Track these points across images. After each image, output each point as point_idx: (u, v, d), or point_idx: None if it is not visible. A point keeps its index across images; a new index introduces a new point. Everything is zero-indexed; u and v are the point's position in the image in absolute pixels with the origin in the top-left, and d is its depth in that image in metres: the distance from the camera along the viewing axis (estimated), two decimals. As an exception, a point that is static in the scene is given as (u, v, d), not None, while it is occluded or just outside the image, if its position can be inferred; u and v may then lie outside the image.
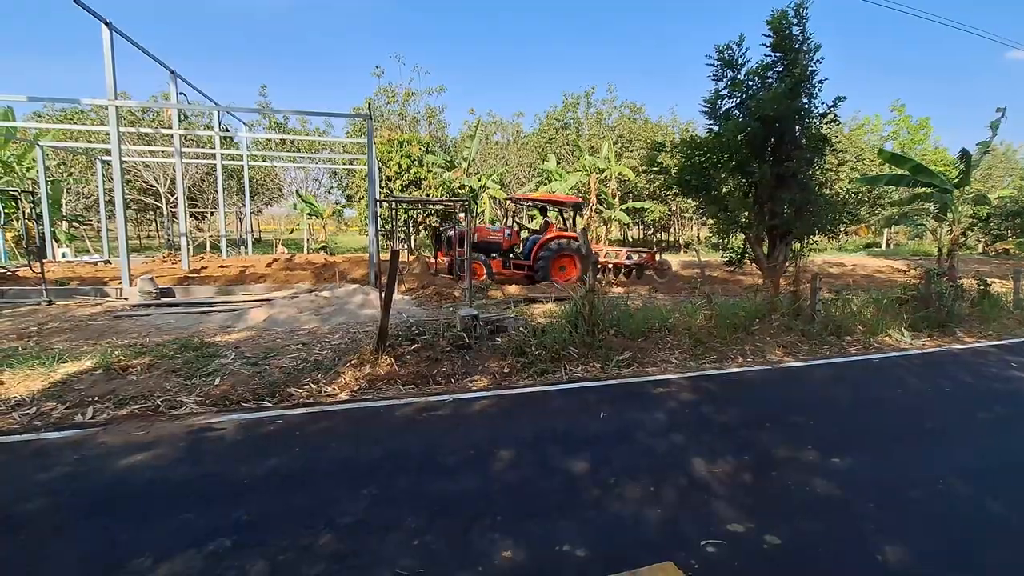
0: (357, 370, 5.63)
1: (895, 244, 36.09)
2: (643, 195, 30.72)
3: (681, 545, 2.77)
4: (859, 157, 31.23)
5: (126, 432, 4.13)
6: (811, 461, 3.81)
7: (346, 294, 10.18)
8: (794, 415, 4.78)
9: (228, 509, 3.05)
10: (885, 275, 17.09)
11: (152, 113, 26.95)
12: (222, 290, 11.06)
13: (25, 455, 3.76)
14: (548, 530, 2.88)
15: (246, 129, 24.04)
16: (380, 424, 4.45)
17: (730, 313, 7.76)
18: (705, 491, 3.34)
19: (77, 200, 26.62)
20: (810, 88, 8.02)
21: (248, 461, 3.68)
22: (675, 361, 6.39)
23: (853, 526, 3.02)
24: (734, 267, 9.49)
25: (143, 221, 35.52)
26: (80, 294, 10.58)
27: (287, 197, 34.56)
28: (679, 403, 5.00)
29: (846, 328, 7.85)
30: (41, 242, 13.79)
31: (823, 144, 8.25)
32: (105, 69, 10.01)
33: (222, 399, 4.87)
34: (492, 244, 14.06)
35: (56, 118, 27.01)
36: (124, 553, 2.63)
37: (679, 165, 8.84)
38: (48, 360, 5.67)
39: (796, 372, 6.27)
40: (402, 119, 30.61)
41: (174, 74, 13.24)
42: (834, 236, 8.95)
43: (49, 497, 3.18)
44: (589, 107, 33.48)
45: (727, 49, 8.08)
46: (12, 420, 4.36)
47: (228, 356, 6.14)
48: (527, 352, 6.19)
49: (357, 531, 2.85)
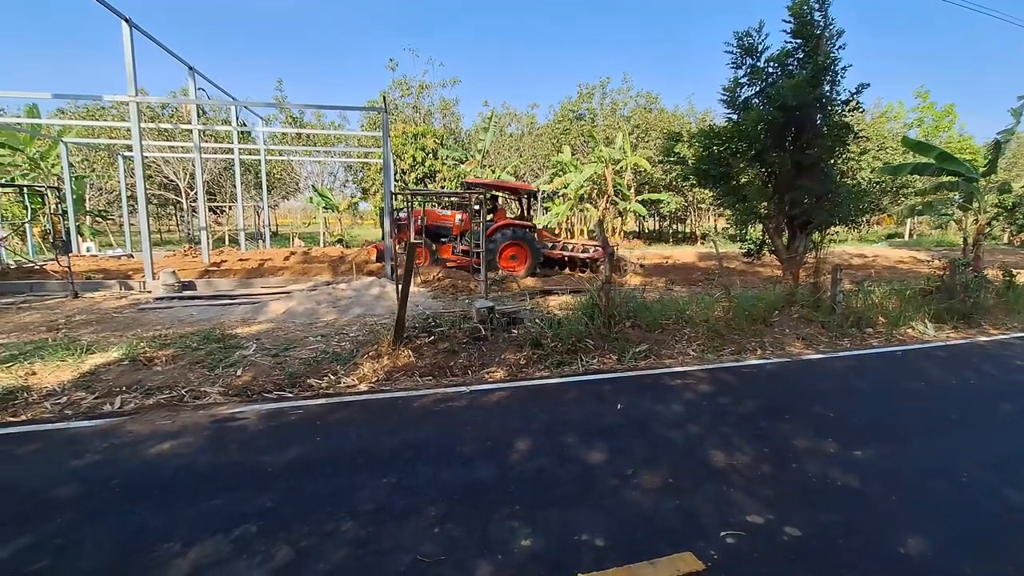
0: (375, 362, 5.70)
1: (918, 234, 35.30)
2: (659, 186, 30.40)
3: (700, 535, 2.77)
4: (881, 145, 30.52)
5: (153, 421, 4.23)
6: (832, 453, 3.78)
7: (363, 286, 10.28)
8: (814, 407, 4.73)
9: (253, 496, 3.12)
10: (908, 266, 16.75)
11: (171, 109, 27.33)
12: (242, 283, 11.23)
13: (58, 443, 3.88)
14: (566, 519, 2.90)
15: (263, 124, 24.26)
16: (398, 415, 4.51)
17: (748, 305, 7.68)
18: (724, 482, 3.33)
19: (100, 196, 27.16)
20: (832, 75, 7.85)
21: (271, 450, 3.76)
22: (692, 353, 6.35)
23: (875, 518, 2.99)
24: (752, 258, 9.37)
25: (164, 216, 36.06)
26: (105, 287, 10.82)
27: (303, 191, 34.92)
28: (697, 395, 4.98)
29: (868, 320, 7.73)
30: (67, 237, 14.11)
31: (845, 132, 8.07)
32: (126, 65, 10.17)
33: (244, 390, 4.97)
34: (442, 229, 13.57)
35: (79, 115, 27.55)
36: (154, 538, 2.71)
37: (696, 155, 8.74)
38: (77, 351, 5.82)
39: (816, 364, 6.19)
40: (416, 112, 30.67)
41: (192, 69, 13.40)
42: (856, 226, 8.78)
43: (82, 483, 3.28)
44: (604, 97, 33.16)
45: (746, 36, 7.94)
46: (44, 409, 4.50)
47: (249, 348, 6.25)
48: (543, 344, 6.20)
49: (378, 518, 2.90)
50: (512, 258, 13.02)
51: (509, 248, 12.99)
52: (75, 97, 12.72)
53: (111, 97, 11.26)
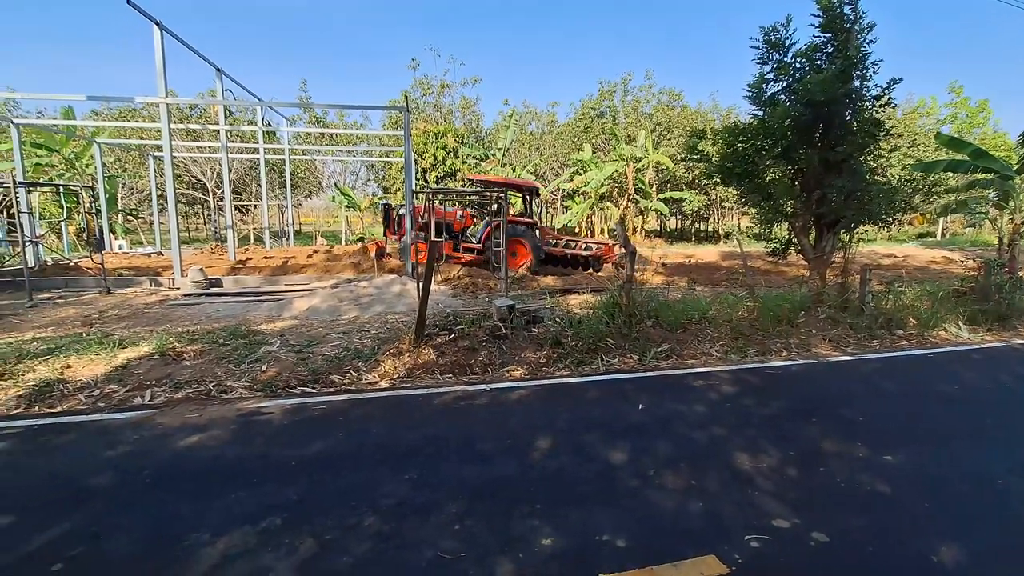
0: (396, 359, 5.75)
1: (951, 234, 34.22)
2: (681, 184, 30.03)
3: (723, 539, 2.73)
4: (913, 142, 29.66)
5: (182, 414, 4.34)
6: (861, 457, 3.68)
7: (384, 284, 10.38)
8: (842, 410, 4.62)
9: (278, 489, 3.17)
10: (940, 266, 16.26)
11: (199, 110, 27.96)
12: (267, 280, 11.44)
13: (92, 433, 4.00)
14: (587, 519, 2.88)
15: (287, 124, 24.67)
16: (419, 411, 4.54)
17: (773, 305, 7.53)
18: (748, 484, 3.27)
19: (131, 195, 27.96)
20: (862, 70, 7.64)
21: (295, 444, 3.82)
22: (715, 354, 6.26)
23: (906, 525, 2.91)
24: (777, 258, 9.18)
25: (191, 214, 37.00)
26: (136, 284, 11.13)
27: (326, 190, 35.39)
28: (720, 396, 4.91)
29: (898, 321, 7.52)
30: (100, 235, 14.57)
31: (876, 129, 7.85)
32: (156, 67, 10.43)
33: (269, 385, 5.06)
34: (444, 226, 13.59)
35: (111, 116, 28.37)
36: (184, 527, 2.78)
37: (721, 152, 8.60)
38: (110, 346, 6.00)
39: (844, 366, 6.05)
40: (437, 111, 30.82)
41: (220, 71, 13.68)
42: (887, 225, 8.53)
43: (115, 473, 3.38)
44: (626, 95, 32.88)
45: (773, 31, 7.77)
46: (79, 401, 4.65)
47: (274, 344, 6.36)
48: (563, 343, 6.18)
49: (399, 513, 2.92)
50: (512, 255, 12.93)
51: (510, 245, 12.91)
52: (108, 99, 13.13)
53: (142, 98, 11.58)
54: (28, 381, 4.94)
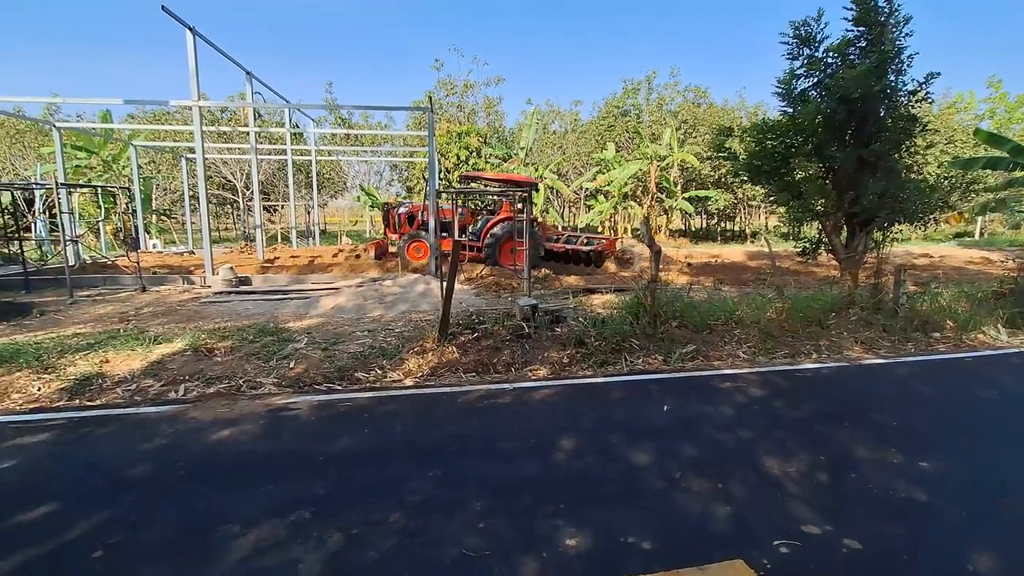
0: (420, 357, 5.80)
1: (989, 233, 32.92)
2: (707, 183, 29.58)
3: (751, 543, 2.68)
4: (950, 138, 28.64)
5: (213, 409, 4.46)
6: (895, 463, 3.58)
7: (408, 283, 10.48)
8: (875, 414, 4.49)
9: (306, 483, 3.24)
10: (978, 267, 15.65)
11: (229, 112, 28.65)
12: (294, 279, 11.66)
13: (129, 426, 4.15)
14: (612, 520, 2.87)
15: (314, 125, 25.10)
16: (443, 410, 4.57)
17: (803, 306, 7.36)
18: (777, 489, 3.21)
19: (164, 195, 28.81)
20: (898, 64, 7.41)
21: (322, 439, 3.89)
22: (743, 355, 6.15)
23: (942, 533, 2.82)
24: (807, 258, 8.96)
25: (221, 214, 37.98)
26: (169, 282, 11.47)
27: (350, 190, 35.91)
28: (748, 398, 4.82)
29: (934, 324, 7.27)
30: (136, 234, 15.06)
31: (912, 125, 7.61)
32: (189, 71, 10.72)
33: (297, 381, 5.16)
34: (443, 223, 13.58)
35: (146, 119, 29.29)
36: (217, 518, 2.86)
37: (748, 150, 8.44)
38: (145, 342, 6.20)
39: (877, 369, 5.88)
40: (460, 111, 30.97)
41: (250, 75, 14.00)
42: (923, 224, 8.25)
43: (151, 464, 3.49)
44: (650, 93, 32.54)
45: (803, 25, 7.60)
46: (116, 395, 4.82)
47: (301, 341, 6.48)
48: (587, 343, 6.15)
49: (424, 510, 2.95)
50: (512, 252, 12.82)
51: (509, 242, 12.84)
52: (143, 103, 13.62)
53: (176, 102, 11.92)
54: (70, 375, 5.14)
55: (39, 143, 25.83)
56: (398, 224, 14.29)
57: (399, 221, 14.28)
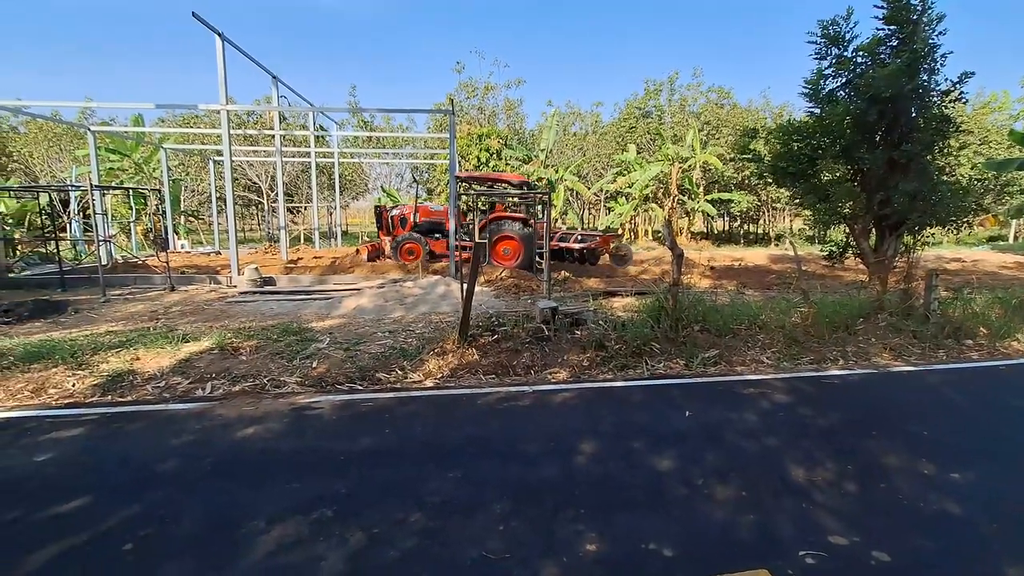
0: (440, 358, 5.83)
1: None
2: (730, 185, 29.16)
3: (776, 553, 2.63)
4: (984, 139, 27.74)
5: (239, 407, 4.55)
6: (926, 474, 3.47)
7: (429, 285, 10.56)
8: (906, 423, 4.37)
9: (328, 481, 3.28)
10: (1012, 272, 15.13)
11: (255, 116, 29.26)
12: (317, 279, 11.84)
13: (159, 422, 4.26)
14: (633, 526, 2.84)
15: (336, 128, 25.47)
16: (463, 411, 4.59)
17: (830, 311, 7.20)
18: (803, 498, 3.14)
19: (192, 197, 29.54)
20: (930, 64, 7.21)
21: (344, 438, 3.94)
22: (767, 361, 6.04)
23: (974, 547, 2.73)
24: (834, 262, 8.77)
25: (246, 215, 38.79)
26: (197, 281, 11.75)
27: (372, 192, 36.36)
28: (772, 404, 4.73)
29: (966, 331, 7.04)
30: (165, 235, 15.47)
31: (946, 125, 7.39)
32: (218, 76, 10.98)
33: (319, 380, 5.23)
34: (435, 224, 13.65)
35: (175, 123, 30.07)
36: (242, 514, 2.92)
37: (774, 151, 8.30)
38: (174, 340, 6.36)
39: (907, 377, 5.72)
40: (481, 113, 31.12)
41: (276, 79, 14.27)
42: (956, 228, 8.01)
43: (180, 460, 3.58)
44: (672, 94, 32.26)
45: (832, 24, 7.45)
46: (146, 392, 4.95)
47: (323, 341, 6.57)
48: (607, 346, 6.11)
49: (444, 511, 2.97)
50: (504, 252, 12.65)
51: (502, 242, 12.63)
52: (174, 107, 13.89)
53: (205, 106, 12.20)
54: (103, 371, 5.30)
55: (75, 146, 26.73)
56: (391, 226, 14.41)
57: (392, 223, 14.40)
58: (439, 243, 13.49)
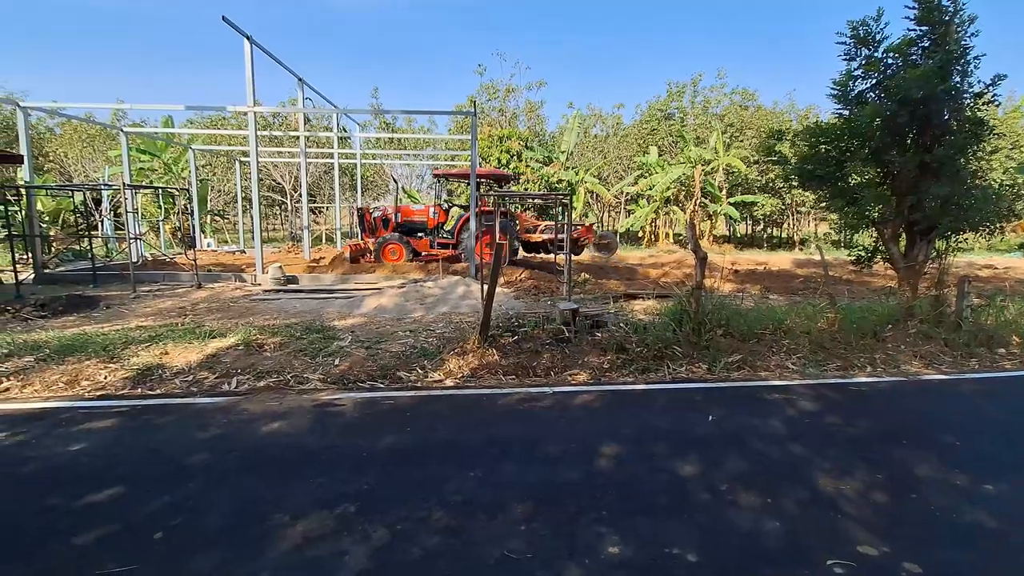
0: (460, 358, 5.85)
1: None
2: (754, 188, 28.73)
3: (803, 562, 2.58)
4: (1016, 143, 26.87)
5: (264, 402, 4.63)
6: (959, 485, 3.37)
7: (449, 285, 10.61)
8: (937, 433, 4.25)
9: (351, 478, 3.32)
10: (1051, 279, 14.60)
11: (281, 117, 29.77)
12: (339, 279, 11.98)
13: (187, 416, 4.36)
14: (656, 530, 2.82)
15: (359, 129, 25.77)
16: (483, 411, 4.61)
17: (857, 317, 7.05)
18: (830, 507, 3.08)
19: (219, 196, 30.17)
20: (963, 65, 7.01)
21: (366, 436, 3.98)
22: (792, 366, 5.94)
23: (1010, 561, 2.65)
24: (862, 267, 8.56)
25: (269, 215, 39.46)
26: (223, 279, 11.99)
27: (392, 193, 36.69)
28: (798, 411, 4.65)
29: (1000, 339, 6.82)
30: (192, 233, 15.83)
31: (980, 128, 7.18)
32: (246, 78, 11.19)
33: (341, 378, 5.30)
34: (417, 224, 13.75)
35: (203, 124, 30.76)
36: (268, 508, 2.97)
37: (800, 154, 8.15)
38: (201, 336, 6.50)
39: (938, 386, 5.56)
40: (502, 115, 31.19)
41: (301, 81, 14.50)
42: (989, 233, 7.75)
43: (207, 453, 3.66)
44: (695, 96, 31.92)
45: (862, 25, 7.28)
46: (175, 386, 5.07)
47: (345, 339, 6.65)
48: (628, 348, 6.07)
49: (466, 510, 2.98)
50: (488, 246, 12.41)
51: (484, 237, 12.51)
52: (202, 108, 14.21)
53: (232, 107, 12.48)
54: (133, 365, 5.44)
55: (107, 147, 27.53)
56: (373, 227, 14.56)
57: (374, 224, 14.55)
58: (422, 242, 13.70)
